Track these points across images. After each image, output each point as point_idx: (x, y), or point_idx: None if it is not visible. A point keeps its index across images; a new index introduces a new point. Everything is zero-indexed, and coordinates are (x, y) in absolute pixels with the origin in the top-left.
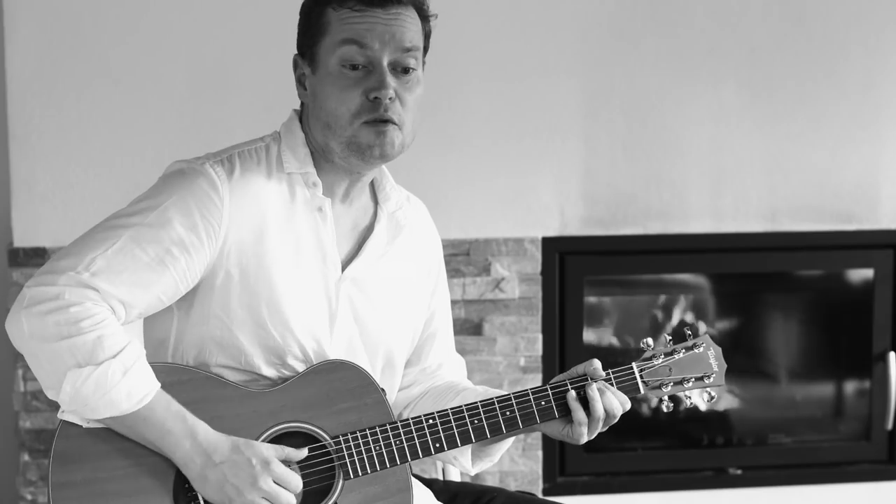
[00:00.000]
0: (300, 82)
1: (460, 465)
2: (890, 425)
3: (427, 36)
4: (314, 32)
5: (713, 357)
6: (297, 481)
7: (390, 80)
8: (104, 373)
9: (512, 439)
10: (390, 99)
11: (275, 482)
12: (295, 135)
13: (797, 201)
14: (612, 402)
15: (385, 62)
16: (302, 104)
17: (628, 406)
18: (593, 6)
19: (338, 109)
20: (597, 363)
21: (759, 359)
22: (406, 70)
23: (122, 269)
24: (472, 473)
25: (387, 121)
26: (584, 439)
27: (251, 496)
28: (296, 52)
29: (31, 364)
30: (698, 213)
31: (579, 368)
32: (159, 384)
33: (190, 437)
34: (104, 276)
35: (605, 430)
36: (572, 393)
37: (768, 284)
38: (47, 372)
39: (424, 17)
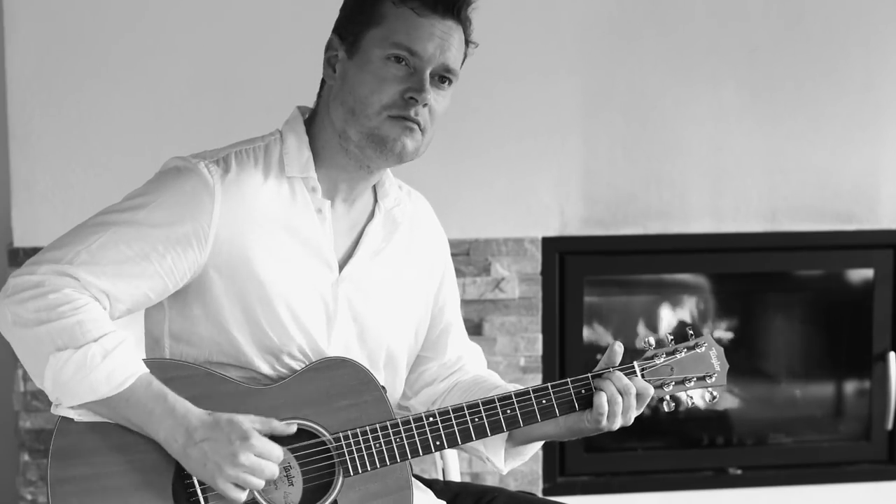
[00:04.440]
0: (330, 63)
1: (492, 464)
2: (890, 425)
3: (462, 61)
4: (365, 20)
5: (715, 357)
6: (277, 452)
7: (430, 87)
8: (84, 355)
9: (542, 441)
10: (424, 105)
11: (256, 455)
12: (298, 136)
13: (797, 201)
14: (609, 388)
15: (428, 71)
16: (320, 91)
17: (633, 391)
18: (593, 6)
19: (369, 98)
20: (618, 348)
21: (759, 359)
22: (442, 81)
23: (106, 263)
24: (504, 472)
25: (414, 122)
26: (607, 427)
27: (232, 472)
28: (332, 32)
29: (17, 352)
30: (698, 213)
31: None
32: (144, 369)
33: (171, 415)
34: (86, 267)
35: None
36: (572, 391)
37: (768, 284)
38: (31, 359)
39: (467, 42)
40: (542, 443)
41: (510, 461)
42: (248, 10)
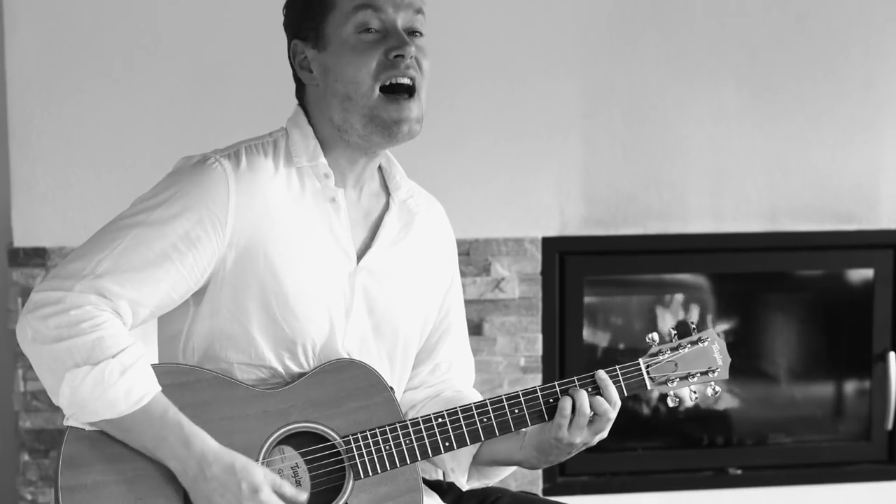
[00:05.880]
0: (303, 67)
1: (455, 478)
2: (890, 425)
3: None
4: (318, 11)
5: (717, 351)
6: None
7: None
8: (101, 371)
9: (512, 469)
10: (411, 57)
11: None
12: (302, 128)
13: (797, 201)
14: (598, 403)
15: (400, 24)
16: (303, 93)
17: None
18: (593, 6)
19: (358, 74)
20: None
21: (759, 359)
22: (415, 33)
23: (129, 268)
24: (465, 489)
25: (404, 89)
26: (570, 439)
27: None
28: (291, 39)
29: (35, 367)
30: (698, 213)
31: None
32: (160, 387)
33: (185, 445)
34: (111, 276)
35: (599, 435)
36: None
37: (768, 284)
38: (48, 374)
39: None
40: (509, 470)
41: (472, 481)
42: (247, 10)
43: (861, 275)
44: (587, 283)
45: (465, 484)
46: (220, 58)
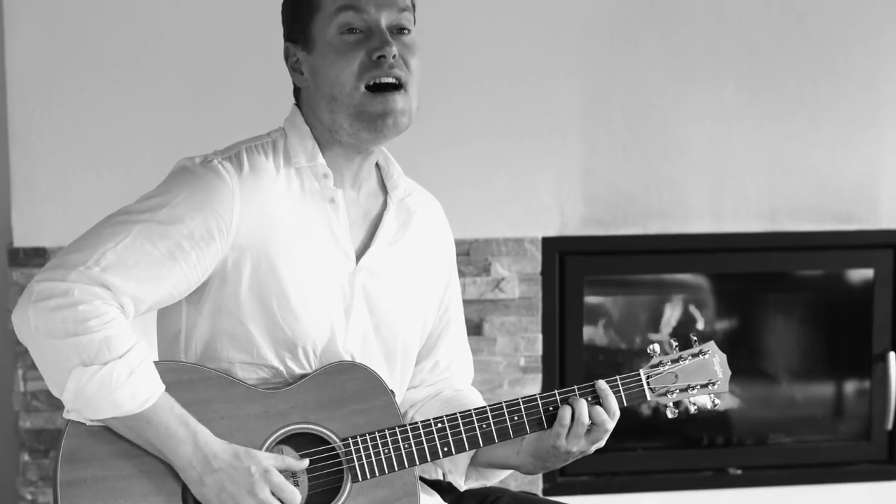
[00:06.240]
0: (295, 69)
1: (452, 479)
2: (890, 425)
3: (413, 9)
4: (304, 13)
5: (718, 364)
6: (295, 495)
7: (392, 39)
8: (109, 372)
9: (510, 471)
10: (394, 57)
11: (272, 492)
12: (300, 128)
13: (797, 201)
14: (598, 413)
15: (383, 24)
16: (298, 94)
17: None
18: (593, 6)
19: (341, 75)
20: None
21: (759, 359)
22: (402, 30)
23: (133, 264)
24: (462, 489)
25: (390, 86)
26: (567, 447)
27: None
28: (285, 43)
29: (35, 359)
30: (698, 213)
31: None
32: (164, 387)
33: (191, 442)
34: (115, 270)
35: (594, 444)
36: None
37: (768, 284)
38: (52, 368)
39: None
40: (508, 471)
41: (470, 481)
42: (247, 10)
43: (861, 275)
44: (587, 283)
45: (462, 485)
46: (220, 58)
